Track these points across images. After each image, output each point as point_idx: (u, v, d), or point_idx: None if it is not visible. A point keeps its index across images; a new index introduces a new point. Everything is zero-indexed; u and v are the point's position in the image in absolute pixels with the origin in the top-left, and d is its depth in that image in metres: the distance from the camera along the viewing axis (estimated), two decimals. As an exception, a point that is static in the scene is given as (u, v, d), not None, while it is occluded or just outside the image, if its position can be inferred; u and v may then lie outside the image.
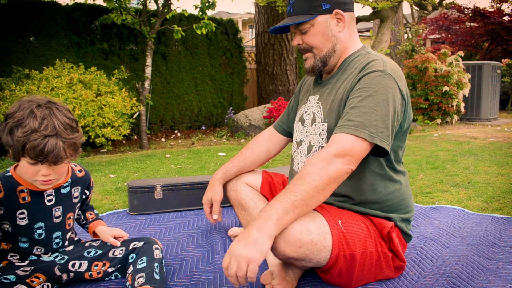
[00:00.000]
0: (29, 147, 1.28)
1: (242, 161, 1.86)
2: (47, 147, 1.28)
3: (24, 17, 5.44)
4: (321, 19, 1.54)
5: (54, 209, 1.51)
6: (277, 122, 1.91)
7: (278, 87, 7.61)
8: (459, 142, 5.09)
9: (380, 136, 1.37)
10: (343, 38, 1.58)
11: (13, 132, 1.30)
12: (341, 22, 1.56)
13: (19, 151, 1.30)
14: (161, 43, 6.64)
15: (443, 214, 2.33)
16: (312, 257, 1.35)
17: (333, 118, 1.52)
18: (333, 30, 1.55)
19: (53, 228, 1.52)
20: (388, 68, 1.46)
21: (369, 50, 1.60)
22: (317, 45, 1.57)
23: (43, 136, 1.28)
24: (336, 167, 1.32)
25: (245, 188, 1.86)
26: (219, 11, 26.25)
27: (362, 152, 1.37)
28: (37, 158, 1.30)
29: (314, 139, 1.58)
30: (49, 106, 1.35)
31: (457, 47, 11.25)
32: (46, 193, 1.49)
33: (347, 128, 1.37)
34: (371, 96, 1.40)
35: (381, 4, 6.19)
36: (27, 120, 1.29)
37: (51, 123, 1.31)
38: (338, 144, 1.35)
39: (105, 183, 3.28)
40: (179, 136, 6.58)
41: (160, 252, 1.58)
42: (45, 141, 1.28)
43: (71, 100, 4.50)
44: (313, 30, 1.55)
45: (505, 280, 1.53)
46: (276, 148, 1.90)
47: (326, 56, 1.58)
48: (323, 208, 1.44)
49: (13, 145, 1.30)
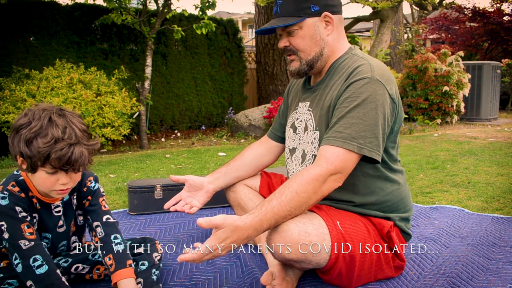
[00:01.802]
0: (55, 157, 1.25)
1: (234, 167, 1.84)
2: (74, 155, 1.26)
3: (24, 17, 5.43)
4: (309, 22, 1.50)
5: (59, 219, 1.49)
6: (271, 130, 1.89)
7: (278, 87, 7.61)
8: (459, 142, 5.09)
9: (368, 146, 1.37)
10: (331, 42, 1.54)
11: (31, 142, 1.25)
12: (330, 25, 1.52)
13: (40, 162, 1.26)
14: (161, 43, 6.64)
15: (443, 214, 2.33)
16: (311, 259, 1.35)
17: (323, 127, 1.51)
18: (322, 34, 1.52)
19: (59, 238, 1.51)
20: (376, 73, 1.43)
21: (356, 52, 1.56)
22: (304, 48, 1.53)
23: (68, 144, 1.26)
24: (329, 185, 1.34)
25: (244, 189, 1.86)
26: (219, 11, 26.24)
27: (351, 166, 1.38)
28: (63, 167, 1.27)
29: (308, 147, 1.57)
30: (63, 114, 1.32)
31: (457, 47, 11.24)
32: (53, 205, 1.45)
33: (335, 141, 1.37)
34: (359, 105, 1.38)
35: (381, 4, 6.19)
36: (47, 129, 1.26)
37: (73, 131, 1.28)
38: (329, 159, 1.34)
39: (105, 183, 3.28)
40: (179, 136, 6.58)
41: (160, 258, 1.60)
42: (71, 149, 1.26)
43: (71, 100, 4.50)
44: (301, 32, 1.51)
45: (505, 280, 1.53)
46: (271, 155, 1.89)
47: (313, 60, 1.54)
48: (321, 210, 1.44)
49: (33, 155, 1.25)
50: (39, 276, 1.28)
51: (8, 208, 1.32)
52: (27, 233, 1.32)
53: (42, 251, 1.32)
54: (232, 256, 1.82)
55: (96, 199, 1.53)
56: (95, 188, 1.54)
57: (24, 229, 1.32)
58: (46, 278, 1.28)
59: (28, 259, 1.29)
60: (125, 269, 1.40)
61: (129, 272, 1.41)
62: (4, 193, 1.34)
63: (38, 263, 1.29)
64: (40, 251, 1.31)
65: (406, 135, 5.93)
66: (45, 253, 1.32)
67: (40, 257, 1.30)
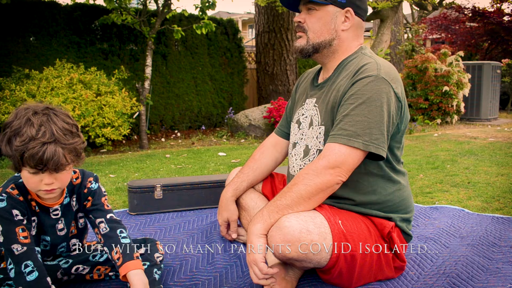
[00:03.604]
0: (28, 156, 1.23)
1: (251, 173, 1.84)
2: (46, 154, 1.23)
3: (24, 17, 5.43)
4: (331, 9, 1.53)
5: (58, 222, 1.48)
6: (278, 127, 1.90)
7: (278, 87, 7.61)
8: (459, 142, 5.09)
9: (375, 143, 1.38)
10: (345, 38, 1.56)
11: (11, 141, 1.26)
12: (348, 22, 1.54)
13: (18, 161, 1.26)
14: (161, 43, 6.64)
15: (443, 214, 2.33)
16: (312, 257, 1.35)
17: (329, 121, 1.52)
18: (337, 25, 1.54)
19: (58, 241, 1.50)
20: (382, 71, 1.44)
21: (365, 52, 1.57)
22: (315, 30, 1.55)
23: (41, 143, 1.24)
24: (325, 179, 1.36)
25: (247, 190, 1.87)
26: (219, 11, 26.24)
27: (355, 162, 1.39)
28: (37, 167, 1.25)
29: (312, 142, 1.58)
30: (46, 113, 1.30)
31: (457, 47, 11.24)
32: (51, 208, 1.45)
33: (340, 138, 1.38)
34: (364, 103, 1.39)
35: (381, 4, 6.19)
36: (24, 128, 1.25)
37: (49, 130, 1.26)
38: (330, 156, 1.37)
39: (105, 183, 3.28)
40: (179, 136, 6.58)
41: (162, 258, 1.60)
42: (43, 148, 1.23)
43: (71, 100, 4.50)
44: (319, 14, 1.54)
45: (505, 280, 1.53)
46: (282, 156, 1.89)
47: (320, 45, 1.56)
48: (323, 208, 1.44)
49: (12, 155, 1.26)
50: (29, 282, 1.28)
51: (5, 210, 1.32)
52: (21, 236, 1.32)
53: (34, 257, 1.31)
54: (232, 256, 1.82)
55: (98, 199, 1.52)
56: (95, 188, 1.52)
57: (19, 233, 1.32)
58: (35, 286, 1.28)
59: (20, 265, 1.29)
60: (133, 261, 1.39)
61: (137, 263, 1.39)
62: (2, 195, 1.34)
63: (29, 269, 1.29)
64: (32, 256, 1.31)
65: (406, 135, 5.93)
66: (36, 259, 1.32)
67: (31, 263, 1.30)
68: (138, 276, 1.36)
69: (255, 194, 1.87)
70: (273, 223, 1.35)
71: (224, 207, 1.83)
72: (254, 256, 1.34)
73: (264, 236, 1.35)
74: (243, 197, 1.86)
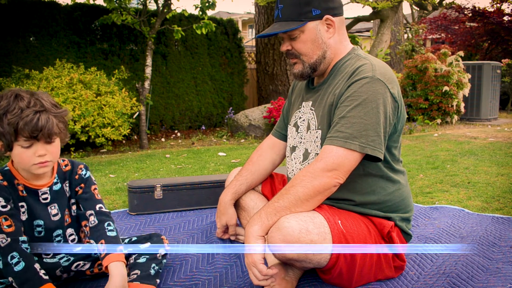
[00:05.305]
0: (23, 124, 1.30)
1: (250, 176, 1.84)
2: (41, 121, 1.32)
3: (24, 17, 5.43)
4: (311, 26, 1.50)
5: (50, 207, 1.51)
6: (275, 129, 1.89)
7: (278, 87, 7.61)
8: (459, 142, 5.09)
9: (371, 145, 1.38)
10: (333, 44, 1.55)
11: (2, 119, 1.32)
12: (331, 28, 1.52)
13: (12, 135, 1.32)
14: (161, 43, 6.64)
15: (443, 214, 2.33)
16: (312, 258, 1.35)
17: (325, 125, 1.51)
18: (323, 37, 1.52)
19: (52, 226, 1.52)
20: (377, 72, 1.43)
21: (359, 53, 1.57)
22: (306, 52, 1.53)
23: (34, 111, 1.32)
24: (322, 181, 1.36)
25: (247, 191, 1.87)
26: (219, 11, 26.23)
27: (352, 164, 1.39)
28: (33, 133, 1.32)
29: (311, 146, 1.58)
30: (30, 92, 1.39)
31: (457, 47, 11.23)
32: (40, 191, 1.48)
33: (337, 140, 1.38)
34: (360, 105, 1.39)
35: (381, 4, 6.19)
36: (13, 104, 1.33)
37: (39, 102, 1.35)
38: (327, 158, 1.37)
39: (105, 183, 3.28)
40: (179, 136, 6.58)
41: (163, 253, 1.61)
42: (37, 115, 1.32)
43: (71, 100, 4.50)
44: (303, 36, 1.51)
45: (505, 280, 1.53)
46: (280, 158, 1.89)
47: (316, 63, 1.55)
48: (322, 209, 1.44)
49: (5, 131, 1.31)
50: (17, 273, 1.33)
51: None
52: (5, 225, 1.37)
53: (19, 248, 1.36)
54: (232, 256, 1.82)
55: (89, 187, 1.59)
56: (86, 176, 1.59)
57: (2, 222, 1.37)
58: (23, 275, 1.33)
59: (6, 257, 1.34)
60: (115, 254, 1.43)
61: (119, 256, 1.43)
62: None
63: (15, 260, 1.34)
64: (17, 248, 1.36)
65: (406, 135, 5.93)
66: (21, 250, 1.36)
67: (17, 254, 1.35)
68: (118, 268, 1.39)
69: (254, 195, 1.87)
70: (271, 224, 1.35)
71: (222, 211, 1.83)
72: (253, 258, 1.33)
73: (262, 237, 1.35)
74: (242, 197, 1.86)
